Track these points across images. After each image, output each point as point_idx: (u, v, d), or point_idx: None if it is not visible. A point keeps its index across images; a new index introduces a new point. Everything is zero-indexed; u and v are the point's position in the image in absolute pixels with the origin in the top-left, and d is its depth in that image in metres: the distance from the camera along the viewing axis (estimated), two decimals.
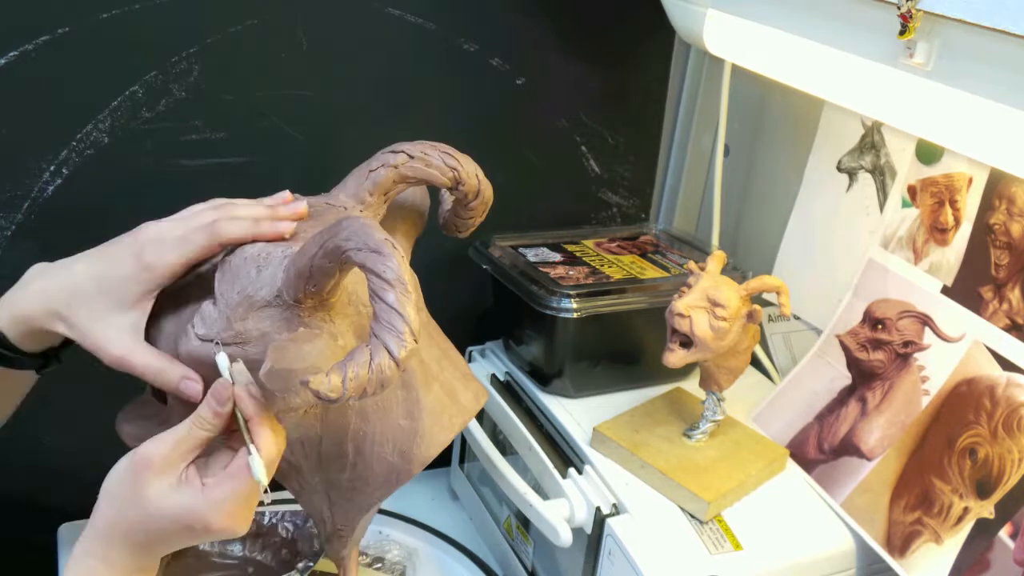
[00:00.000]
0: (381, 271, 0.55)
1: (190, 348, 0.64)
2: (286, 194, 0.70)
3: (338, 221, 0.58)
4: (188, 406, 0.66)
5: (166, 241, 0.65)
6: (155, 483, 0.59)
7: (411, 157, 0.70)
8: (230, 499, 0.60)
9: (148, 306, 0.66)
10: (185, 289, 0.67)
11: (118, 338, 0.65)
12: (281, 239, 0.65)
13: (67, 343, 0.71)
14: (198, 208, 0.68)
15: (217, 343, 0.63)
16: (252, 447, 0.60)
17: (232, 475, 0.60)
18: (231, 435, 0.62)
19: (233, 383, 0.61)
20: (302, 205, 0.68)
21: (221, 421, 0.61)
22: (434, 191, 0.75)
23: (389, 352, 0.55)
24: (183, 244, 0.65)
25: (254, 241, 0.65)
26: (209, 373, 0.63)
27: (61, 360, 0.73)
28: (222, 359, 0.61)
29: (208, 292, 0.65)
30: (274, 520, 0.93)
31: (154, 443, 0.60)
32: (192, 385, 0.65)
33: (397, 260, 0.56)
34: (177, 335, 0.66)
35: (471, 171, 0.71)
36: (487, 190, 0.73)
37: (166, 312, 0.68)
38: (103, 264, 0.66)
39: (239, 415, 0.61)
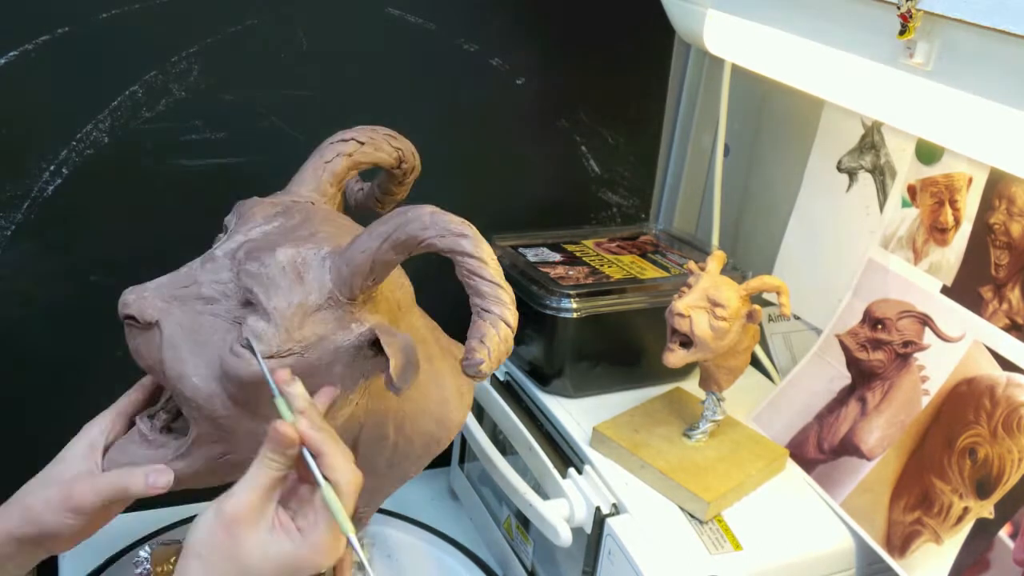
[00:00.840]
0: (472, 250, 0.59)
1: (253, 371, 0.62)
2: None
3: (397, 212, 0.61)
4: (216, 427, 0.66)
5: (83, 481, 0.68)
6: (251, 536, 0.59)
7: (361, 144, 0.73)
8: (327, 535, 0.59)
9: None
10: (199, 317, 0.66)
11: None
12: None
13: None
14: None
15: (272, 394, 0.62)
16: (324, 483, 0.59)
17: (323, 512, 0.59)
18: (301, 465, 0.61)
19: (293, 414, 0.60)
20: (167, 478, 0.67)
21: (290, 461, 0.60)
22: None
23: (506, 322, 0.59)
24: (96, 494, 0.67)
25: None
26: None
27: None
28: (280, 404, 0.61)
29: (229, 311, 0.65)
30: None
31: (236, 495, 0.59)
32: (160, 477, 0.65)
33: (479, 237, 0.60)
34: (213, 361, 0.64)
35: (410, 149, 0.76)
36: (419, 165, 0.78)
37: (186, 343, 0.65)
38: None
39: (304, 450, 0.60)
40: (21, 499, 0.67)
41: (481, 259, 0.59)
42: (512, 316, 0.59)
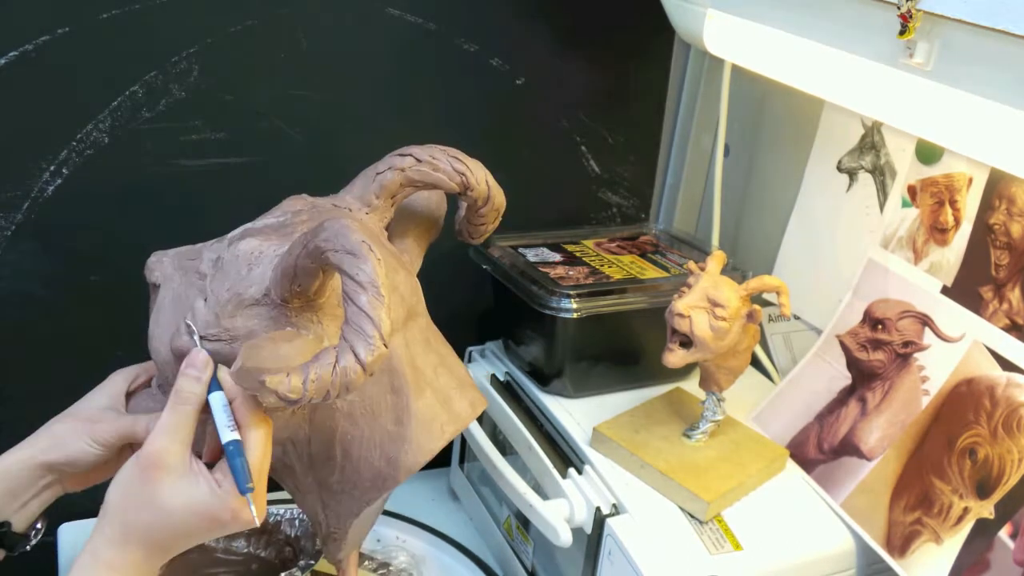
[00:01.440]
0: (354, 273, 0.55)
1: (181, 343, 0.64)
2: None
3: (321, 222, 0.58)
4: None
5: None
6: (168, 480, 0.59)
7: (419, 161, 0.70)
8: (262, 485, 0.60)
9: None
10: (188, 289, 0.68)
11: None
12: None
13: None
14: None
15: (203, 336, 0.63)
16: (228, 430, 0.60)
17: (256, 460, 0.60)
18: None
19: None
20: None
21: (201, 388, 0.61)
22: (453, 198, 0.75)
23: (356, 355, 0.55)
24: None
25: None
26: None
27: (25, 550, 0.73)
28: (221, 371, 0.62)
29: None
30: (279, 518, 0.94)
31: (151, 442, 0.60)
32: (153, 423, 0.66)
33: (372, 263, 0.55)
34: (172, 332, 0.67)
35: (480, 176, 0.71)
36: (498, 196, 0.72)
37: (167, 309, 0.68)
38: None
39: (216, 412, 0.61)
40: (49, 427, 0.71)
41: (360, 284, 0.55)
42: (366, 352, 0.54)
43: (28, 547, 0.72)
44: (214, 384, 0.62)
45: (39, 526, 0.73)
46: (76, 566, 0.60)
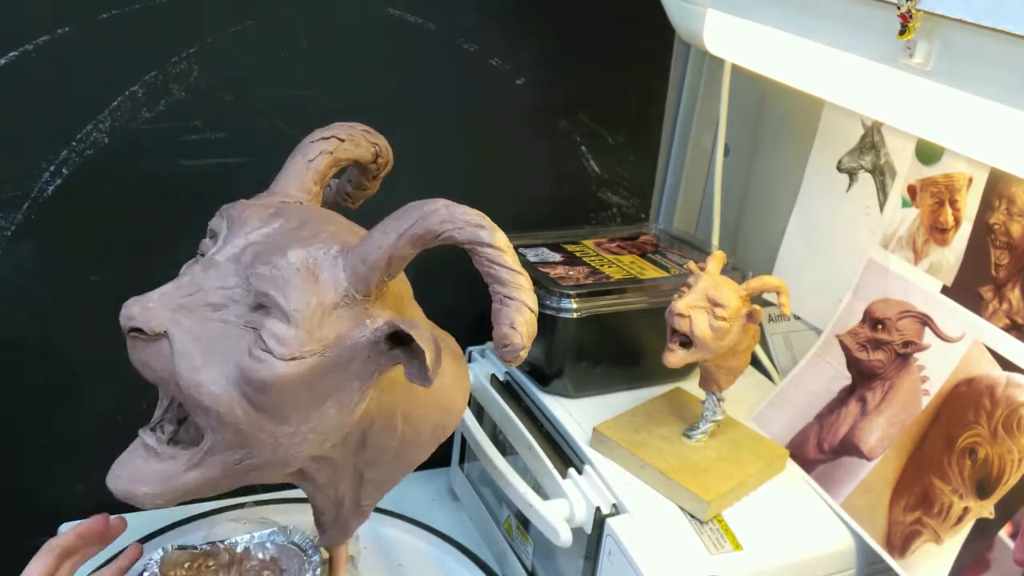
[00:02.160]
0: (492, 240, 0.61)
1: (277, 373, 0.61)
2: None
3: (411, 207, 0.62)
4: (236, 434, 0.64)
5: None
6: None
7: (342, 140, 0.73)
8: None
9: None
10: (207, 324, 0.65)
11: None
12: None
13: None
14: None
15: (298, 356, 0.63)
16: None
17: None
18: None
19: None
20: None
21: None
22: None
23: (529, 307, 0.61)
24: None
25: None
26: (300, 388, 0.63)
27: None
28: None
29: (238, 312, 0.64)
30: (248, 545, 0.90)
31: None
32: None
33: (497, 228, 0.61)
34: (229, 367, 0.63)
35: (385, 144, 0.77)
36: (391, 159, 0.79)
37: (198, 352, 0.64)
38: None
39: None
40: None
41: (499, 248, 0.61)
42: (533, 301, 0.61)
43: None
44: None
45: None
46: None
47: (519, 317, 0.61)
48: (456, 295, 1.03)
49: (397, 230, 0.61)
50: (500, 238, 0.61)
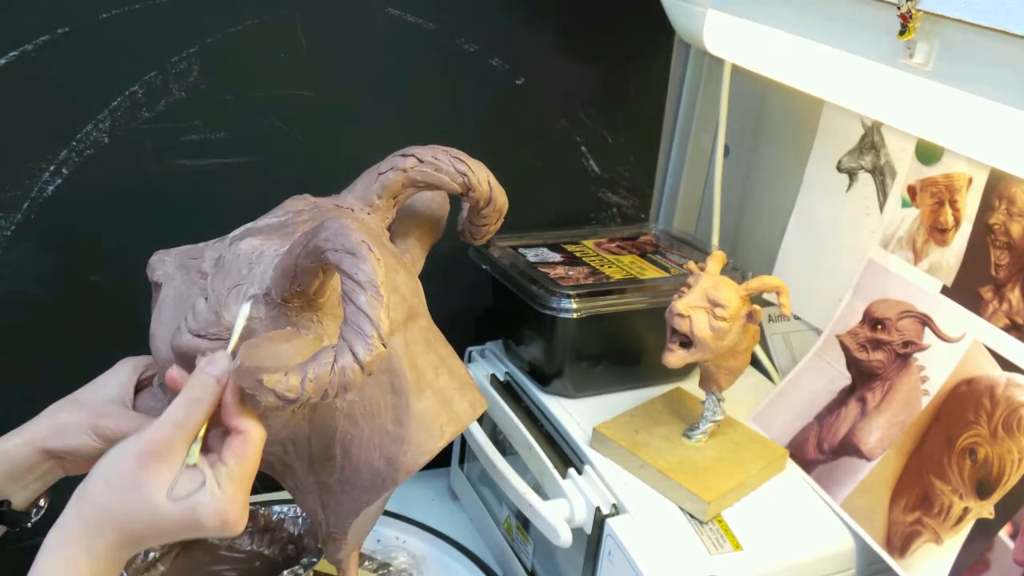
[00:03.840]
0: (353, 273, 0.55)
1: (181, 342, 0.64)
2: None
3: (321, 222, 0.58)
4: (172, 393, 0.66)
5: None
6: (161, 470, 0.57)
7: (420, 161, 0.70)
8: (236, 490, 0.58)
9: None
10: (190, 288, 0.68)
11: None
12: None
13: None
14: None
15: (204, 335, 0.63)
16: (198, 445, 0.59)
17: (235, 465, 0.59)
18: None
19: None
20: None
21: (218, 389, 0.59)
22: (456, 199, 0.75)
23: (354, 355, 0.54)
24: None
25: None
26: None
27: (27, 526, 0.72)
28: (245, 308, 0.61)
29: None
30: (282, 516, 0.94)
31: (156, 429, 0.58)
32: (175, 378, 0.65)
33: (372, 262, 0.55)
34: (172, 331, 0.66)
35: (482, 177, 0.71)
36: (500, 197, 0.72)
37: (168, 307, 0.68)
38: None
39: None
40: (53, 414, 0.70)
41: (359, 283, 0.55)
42: (365, 352, 0.54)
43: (29, 523, 0.71)
44: None
45: (41, 503, 0.72)
46: (46, 545, 0.58)
47: (325, 357, 0.55)
48: (457, 295, 1.03)
49: (301, 241, 0.59)
50: (364, 274, 0.55)
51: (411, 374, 0.69)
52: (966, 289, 0.80)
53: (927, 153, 0.85)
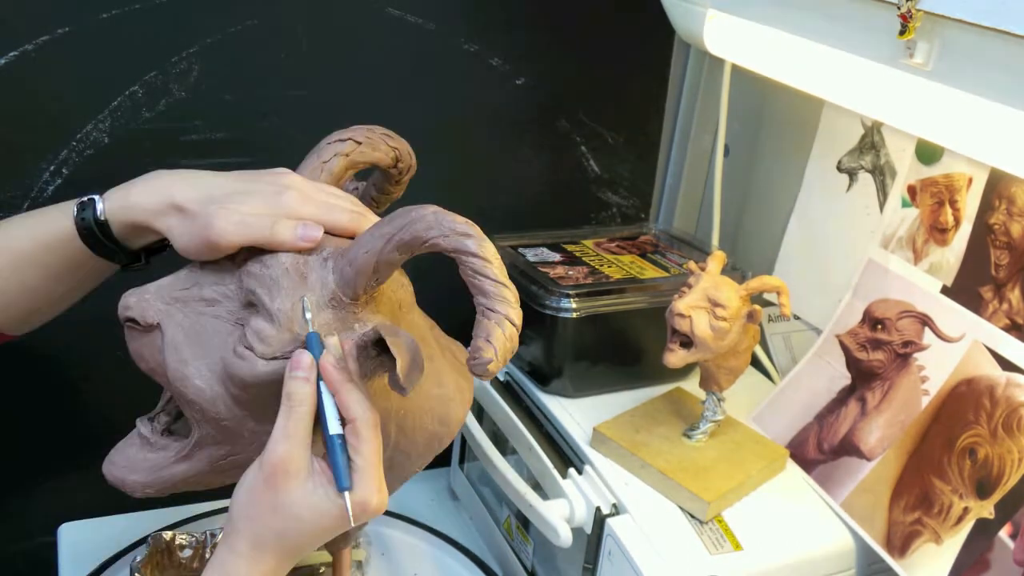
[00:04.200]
0: (477, 250, 0.59)
1: (258, 372, 0.62)
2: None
3: (400, 212, 0.61)
4: (219, 429, 0.65)
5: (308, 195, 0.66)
6: (293, 485, 0.59)
7: (359, 143, 0.72)
8: (370, 482, 0.59)
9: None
10: (200, 318, 0.66)
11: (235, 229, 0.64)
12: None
13: (161, 247, 0.70)
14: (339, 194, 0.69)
15: (283, 356, 0.62)
16: (335, 422, 0.60)
17: (366, 457, 0.60)
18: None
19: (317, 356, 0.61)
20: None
21: (312, 388, 0.60)
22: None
23: (511, 321, 0.59)
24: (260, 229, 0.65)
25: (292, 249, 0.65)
26: (279, 391, 0.62)
27: (150, 261, 0.72)
28: (309, 315, 0.62)
29: (225, 311, 0.65)
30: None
31: (271, 448, 0.59)
32: (309, 231, 0.64)
33: (485, 238, 0.59)
34: (216, 363, 0.64)
35: (406, 149, 0.75)
36: (414, 164, 0.77)
37: (188, 344, 0.65)
38: (242, 182, 0.67)
39: (327, 407, 0.61)
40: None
41: (485, 258, 0.59)
42: (516, 315, 0.59)
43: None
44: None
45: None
46: None
47: (496, 331, 0.58)
48: (457, 295, 1.03)
49: (385, 235, 0.60)
50: (487, 249, 0.59)
51: (430, 337, 0.73)
52: (966, 289, 0.80)
53: (927, 153, 0.85)
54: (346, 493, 0.59)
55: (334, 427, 0.60)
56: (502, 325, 0.58)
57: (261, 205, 0.65)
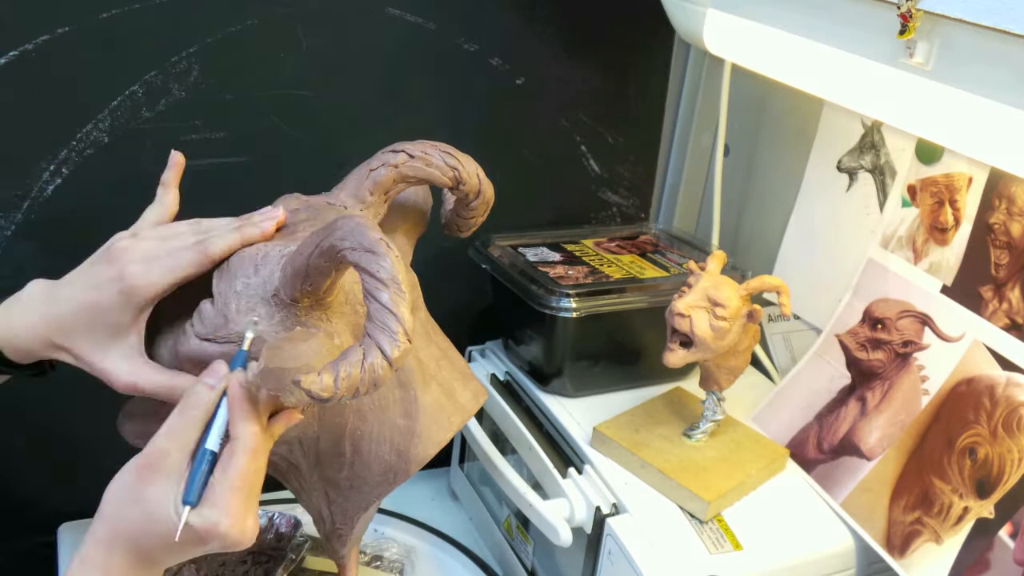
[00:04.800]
0: (375, 271, 0.56)
1: (189, 347, 0.64)
2: (265, 210, 0.70)
3: (334, 220, 0.59)
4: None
5: (151, 262, 0.65)
6: (160, 483, 0.57)
7: (411, 156, 0.70)
8: (234, 500, 0.57)
9: (142, 324, 0.65)
10: (183, 292, 0.67)
11: (121, 366, 0.65)
12: (267, 238, 0.66)
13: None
14: (177, 229, 0.68)
15: (212, 339, 0.63)
16: (216, 439, 0.58)
17: (232, 476, 0.57)
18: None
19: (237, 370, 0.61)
20: (278, 212, 0.68)
21: (214, 397, 0.59)
22: (437, 191, 0.75)
23: (382, 352, 0.55)
24: (170, 265, 0.64)
25: (242, 246, 0.65)
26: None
27: (55, 368, 0.71)
28: (250, 334, 0.62)
29: (205, 293, 0.65)
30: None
31: (155, 440, 0.58)
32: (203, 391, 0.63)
33: (392, 260, 0.56)
34: (176, 336, 0.66)
35: (472, 171, 0.71)
36: (488, 190, 0.73)
37: (164, 316, 0.68)
38: (91, 294, 0.65)
39: (219, 420, 0.59)
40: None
41: (382, 280, 0.56)
42: (392, 348, 0.55)
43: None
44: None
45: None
46: (70, 567, 0.59)
47: (355, 356, 0.55)
48: (457, 295, 1.03)
49: (314, 241, 0.59)
50: (386, 270, 0.56)
51: (416, 367, 0.70)
52: (966, 289, 0.80)
53: (927, 153, 0.85)
54: (186, 508, 0.56)
55: (211, 442, 0.59)
56: (369, 352, 0.55)
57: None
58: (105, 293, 0.65)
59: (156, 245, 0.66)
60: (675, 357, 0.80)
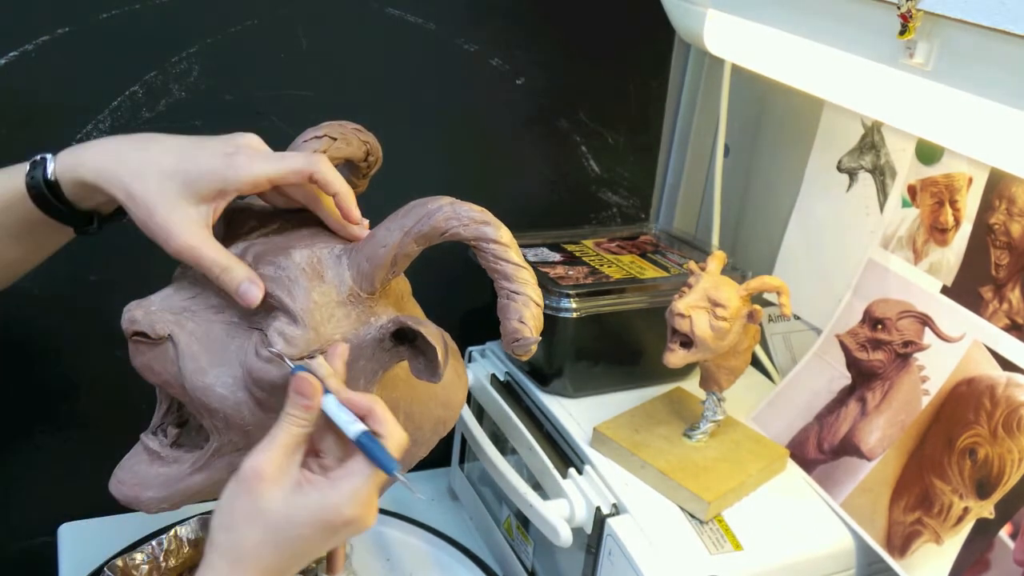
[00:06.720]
0: (497, 236, 0.61)
1: (287, 374, 0.61)
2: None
3: (415, 205, 0.62)
4: (243, 435, 0.64)
5: (261, 152, 0.64)
6: (274, 494, 0.56)
7: (334, 140, 0.73)
8: (363, 487, 0.57)
9: (220, 208, 0.63)
10: (213, 326, 0.65)
11: (186, 227, 0.61)
12: (348, 234, 0.68)
13: (115, 214, 0.67)
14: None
15: (304, 356, 0.62)
16: (359, 429, 0.58)
17: (359, 461, 0.57)
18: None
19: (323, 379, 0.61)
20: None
21: (314, 415, 0.58)
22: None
23: (535, 302, 0.62)
24: (278, 161, 0.64)
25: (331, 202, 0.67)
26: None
27: (102, 227, 0.68)
28: (318, 364, 0.62)
29: (237, 316, 0.64)
30: None
31: (255, 455, 0.56)
32: (254, 290, 0.61)
33: (501, 224, 0.62)
34: (235, 369, 0.63)
35: (376, 143, 0.76)
36: (381, 157, 0.78)
37: (205, 352, 0.65)
38: (191, 149, 0.63)
39: (335, 416, 0.59)
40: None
41: (504, 244, 0.61)
42: (538, 295, 0.62)
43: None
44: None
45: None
46: None
47: (527, 311, 0.61)
48: (457, 295, 1.03)
49: (402, 228, 0.62)
50: (505, 234, 0.62)
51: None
52: (966, 289, 0.80)
53: (927, 153, 0.85)
54: (397, 474, 0.57)
55: (354, 429, 0.58)
56: (528, 306, 0.61)
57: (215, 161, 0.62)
58: (207, 157, 0.62)
59: (270, 149, 0.66)
60: (675, 357, 0.80)
